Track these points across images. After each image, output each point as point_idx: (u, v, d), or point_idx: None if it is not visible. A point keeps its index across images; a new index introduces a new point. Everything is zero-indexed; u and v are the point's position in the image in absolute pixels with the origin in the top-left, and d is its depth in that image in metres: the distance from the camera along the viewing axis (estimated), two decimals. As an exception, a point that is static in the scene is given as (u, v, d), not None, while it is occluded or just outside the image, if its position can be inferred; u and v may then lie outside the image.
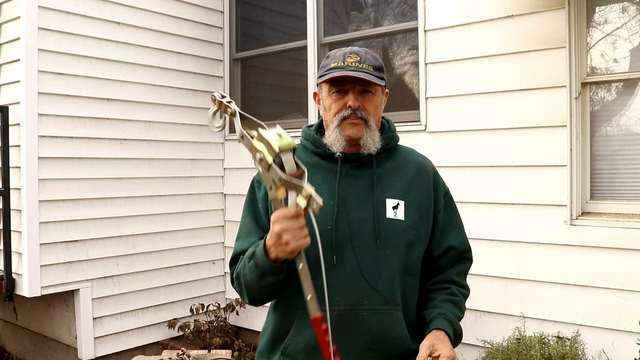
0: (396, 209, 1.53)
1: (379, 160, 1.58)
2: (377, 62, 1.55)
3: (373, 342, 1.47)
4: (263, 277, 1.43)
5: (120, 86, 3.92)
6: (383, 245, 1.49)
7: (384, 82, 1.53)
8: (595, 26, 3.01)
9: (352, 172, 1.56)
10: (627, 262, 2.77)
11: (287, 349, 1.52)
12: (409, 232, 1.52)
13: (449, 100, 3.38)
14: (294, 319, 1.51)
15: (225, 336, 4.13)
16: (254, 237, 1.55)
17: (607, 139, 2.99)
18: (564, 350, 2.69)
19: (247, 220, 1.60)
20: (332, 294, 1.43)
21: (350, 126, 1.52)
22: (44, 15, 3.52)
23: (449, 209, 1.65)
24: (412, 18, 3.63)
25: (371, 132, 1.54)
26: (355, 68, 1.50)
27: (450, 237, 1.62)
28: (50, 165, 3.57)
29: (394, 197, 1.54)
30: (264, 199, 1.57)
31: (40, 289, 3.51)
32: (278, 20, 4.64)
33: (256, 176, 1.65)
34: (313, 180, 1.54)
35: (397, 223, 1.52)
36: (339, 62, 1.52)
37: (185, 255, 4.32)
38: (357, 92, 1.52)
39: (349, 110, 1.51)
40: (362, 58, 1.52)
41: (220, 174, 4.60)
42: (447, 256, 1.61)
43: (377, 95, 1.56)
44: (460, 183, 3.31)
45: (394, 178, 1.57)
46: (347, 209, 1.51)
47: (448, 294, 1.58)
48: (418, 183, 1.59)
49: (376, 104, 1.56)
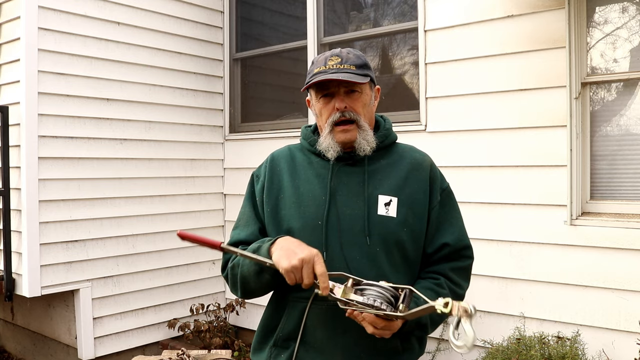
0: (388, 205, 1.53)
1: (373, 157, 1.58)
2: (360, 60, 1.56)
3: (361, 338, 1.47)
4: (261, 274, 1.47)
5: (120, 86, 3.92)
6: (373, 242, 1.49)
7: (367, 79, 1.53)
8: (595, 26, 3.01)
9: (345, 168, 1.57)
10: (627, 262, 2.77)
11: (278, 340, 1.55)
12: (401, 230, 1.52)
13: (449, 100, 3.38)
14: (284, 310, 1.54)
15: (225, 336, 4.13)
16: (252, 227, 1.59)
17: (607, 139, 2.99)
18: (564, 350, 2.69)
19: (246, 210, 1.64)
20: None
21: (342, 133, 1.54)
22: (44, 15, 3.52)
23: (446, 205, 1.62)
24: (412, 18, 3.63)
25: (364, 132, 1.55)
26: (336, 70, 1.51)
27: (445, 234, 1.59)
28: (50, 165, 3.57)
29: (386, 193, 1.54)
30: (260, 193, 1.62)
31: (40, 289, 3.51)
32: (278, 20, 4.64)
33: (255, 171, 1.69)
34: (307, 176, 1.58)
35: (388, 220, 1.51)
36: (320, 67, 1.55)
37: (185, 255, 4.32)
38: (343, 93, 1.53)
39: (337, 113, 1.53)
40: (344, 59, 1.54)
41: (220, 174, 4.61)
42: (441, 253, 1.58)
43: (365, 93, 1.57)
44: (460, 183, 3.31)
45: (388, 175, 1.57)
46: (339, 205, 1.52)
47: (434, 283, 1.54)
48: (413, 179, 1.58)
49: (364, 102, 1.56)
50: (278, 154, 1.68)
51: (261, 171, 1.67)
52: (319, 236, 1.49)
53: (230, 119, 4.60)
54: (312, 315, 1.49)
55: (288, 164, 1.63)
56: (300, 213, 1.52)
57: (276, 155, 1.68)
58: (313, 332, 1.50)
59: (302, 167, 1.61)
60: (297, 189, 1.56)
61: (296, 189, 1.56)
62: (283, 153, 1.68)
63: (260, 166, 1.69)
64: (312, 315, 1.49)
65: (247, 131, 4.51)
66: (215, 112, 4.57)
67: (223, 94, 4.61)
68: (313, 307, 1.49)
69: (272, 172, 1.63)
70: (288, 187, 1.58)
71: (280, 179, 1.61)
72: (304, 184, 1.57)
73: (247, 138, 4.44)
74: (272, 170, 1.63)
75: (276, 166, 1.64)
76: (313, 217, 1.51)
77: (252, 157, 4.12)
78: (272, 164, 1.65)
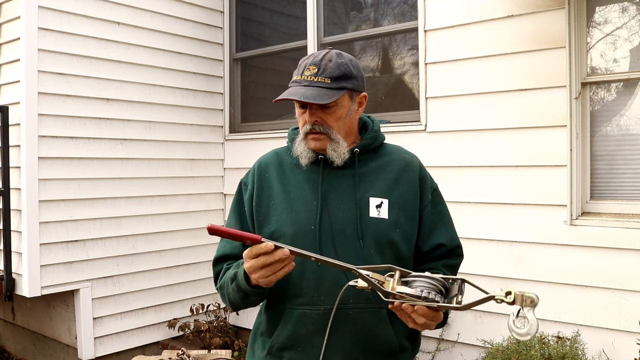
0: (379, 207, 1.53)
1: (362, 159, 1.59)
2: (339, 70, 1.50)
3: (359, 341, 1.48)
4: (247, 297, 1.48)
5: (120, 86, 3.92)
6: (366, 244, 1.50)
7: (339, 94, 1.49)
8: (595, 26, 3.01)
9: (335, 172, 1.57)
10: (627, 262, 2.77)
11: (273, 348, 1.54)
12: (393, 231, 1.52)
13: (449, 100, 3.38)
14: (281, 319, 1.53)
15: (225, 336, 4.13)
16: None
17: (607, 139, 2.99)
18: (564, 350, 2.69)
19: (232, 221, 1.63)
20: (318, 294, 1.47)
21: (313, 141, 1.54)
22: (44, 15, 3.52)
23: (437, 205, 1.63)
24: (412, 18, 3.63)
25: (335, 144, 1.53)
26: (309, 83, 1.49)
27: (440, 235, 1.60)
28: (50, 165, 3.57)
29: (377, 195, 1.54)
30: (249, 202, 1.60)
31: (40, 289, 3.51)
32: (278, 20, 4.64)
33: (243, 178, 1.68)
34: (297, 180, 1.57)
35: (380, 221, 1.52)
36: (297, 76, 1.54)
37: (185, 255, 4.32)
38: (315, 107, 1.52)
39: (308, 125, 1.53)
40: (320, 69, 1.50)
41: (220, 174, 4.61)
42: (436, 253, 1.60)
43: (341, 106, 1.53)
44: (460, 183, 3.31)
45: (377, 177, 1.57)
46: (330, 209, 1.52)
47: None
48: (403, 181, 1.58)
49: (338, 116, 1.53)
50: (265, 159, 1.66)
51: (249, 179, 1.65)
52: (313, 241, 1.48)
53: (230, 119, 4.60)
54: (308, 322, 1.49)
55: (276, 170, 1.62)
56: (293, 219, 1.52)
57: (263, 162, 1.66)
58: (310, 338, 1.50)
59: (291, 171, 1.60)
60: (287, 194, 1.56)
61: (287, 195, 1.56)
62: (270, 159, 1.66)
63: (248, 174, 1.68)
64: (307, 321, 1.49)
65: (247, 131, 4.51)
66: (215, 112, 4.57)
67: (223, 94, 4.61)
68: (309, 313, 1.48)
69: (260, 179, 1.62)
70: (279, 193, 1.57)
71: (270, 185, 1.60)
72: (295, 190, 1.56)
73: (247, 138, 4.44)
74: (260, 177, 1.62)
75: (264, 172, 1.63)
76: (305, 222, 1.50)
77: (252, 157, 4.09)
78: (259, 170, 1.64)
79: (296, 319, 1.50)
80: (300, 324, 1.50)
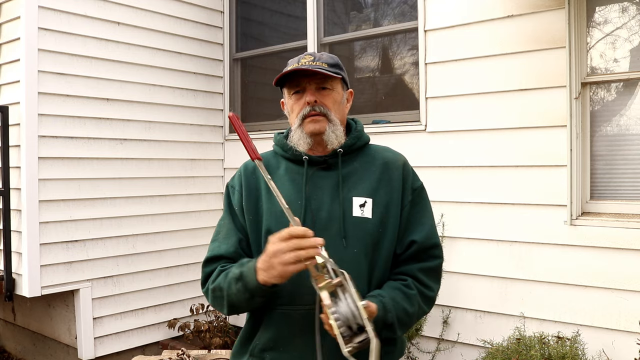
0: (363, 207, 1.53)
1: (346, 160, 1.59)
2: (333, 60, 1.59)
3: None
4: (252, 299, 1.44)
5: (120, 86, 3.92)
6: (350, 244, 1.50)
7: (339, 75, 1.56)
8: (595, 26, 3.01)
9: (319, 173, 1.58)
10: (627, 262, 2.77)
11: (255, 349, 1.53)
12: (376, 230, 1.52)
13: (449, 100, 3.38)
14: (263, 319, 1.53)
15: (225, 336, 4.13)
16: (232, 239, 1.58)
17: (607, 139, 2.99)
18: (564, 350, 2.69)
19: (225, 222, 1.62)
20: (301, 292, 1.45)
21: (311, 123, 1.55)
22: (44, 15, 3.52)
23: (418, 204, 1.61)
24: (412, 18, 3.63)
25: (333, 126, 1.56)
26: (309, 66, 1.54)
27: (414, 232, 1.57)
28: (50, 165, 3.57)
29: (361, 195, 1.54)
30: (239, 203, 1.61)
31: (40, 289, 3.51)
32: (278, 20, 4.64)
33: (230, 182, 1.69)
34: (282, 182, 1.58)
35: (364, 221, 1.52)
36: (293, 65, 1.57)
37: (185, 255, 4.32)
38: (314, 89, 1.56)
39: (308, 107, 1.55)
40: (316, 57, 1.57)
41: (220, 174, 4.61)
42: (410, 251, 1.56)
43: (336, 91, 1.59)
44: (460, 183, 3.32)
45: (361, 177, 1.58)
46: (314, 209, 1.53)
47: (402, 284, 1.53)
48: (386, 180, 1.58)
49: (335, 99, 1.58)
50: (250, 162, 1.67)
51: (235, 182, 1.66)
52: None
53: (230, 119, 4.59)
54: (290, 322, 1.48)
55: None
56: (278, 219, 1.52)
57: (249, 164, 1.67)
58: (292, 339, 1.49)
59: (276, 174, 1.61)
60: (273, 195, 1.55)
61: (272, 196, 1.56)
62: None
63: (234, 177, 1.69)
64: (289, 322, 1.48)
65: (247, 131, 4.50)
66: (215, 112, 4.57)
67: (223, 94, 4.61)
68: (290, 313, 1.48)
69: (247, 181, 1.63)
70: (265, 194, 1.58)
71: (257, 187, 1.61)
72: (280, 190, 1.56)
73: (247, 138, 4.43)
74: (247, 180, 1.63)
75: (251, 175, 1.64)
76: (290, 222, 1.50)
77: (252, 157, 4.11)
78: (246, 173, 1.66)
79: (277, 319, 1.50)
80: (282, 324, 1.49)
